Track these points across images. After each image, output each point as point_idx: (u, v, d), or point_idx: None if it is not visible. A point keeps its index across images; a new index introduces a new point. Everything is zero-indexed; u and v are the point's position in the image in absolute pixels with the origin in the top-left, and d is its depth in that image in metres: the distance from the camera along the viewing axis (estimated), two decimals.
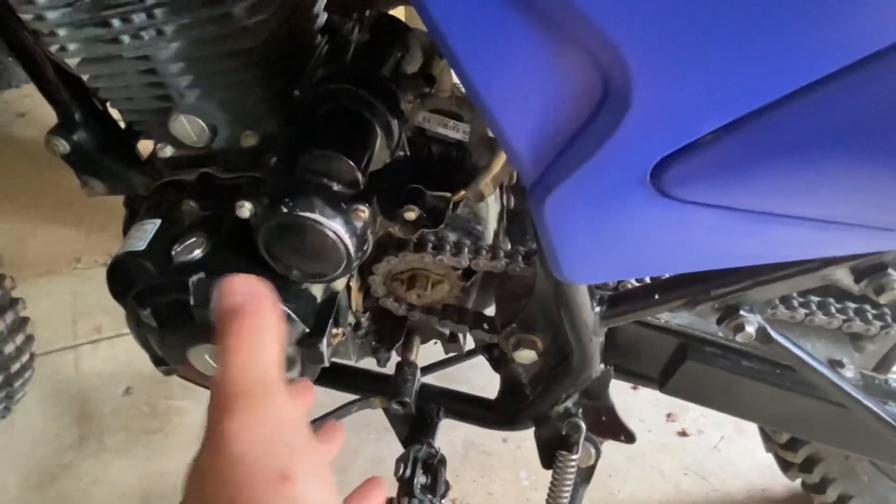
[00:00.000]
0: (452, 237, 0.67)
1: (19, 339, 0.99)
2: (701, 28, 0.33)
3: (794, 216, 0.41)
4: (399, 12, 0.70)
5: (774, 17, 0.32)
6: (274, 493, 0.29)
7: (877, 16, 0.31)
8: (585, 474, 0.71)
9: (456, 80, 0.65)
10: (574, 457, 0.66)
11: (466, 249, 0.65)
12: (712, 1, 0.32)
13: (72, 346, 1.43)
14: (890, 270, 0.49)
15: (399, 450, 0.77)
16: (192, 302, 0.55)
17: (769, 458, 1.04)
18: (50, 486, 1.19)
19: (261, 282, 0.34)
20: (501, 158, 0.65)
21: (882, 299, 0.50)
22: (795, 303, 0.63)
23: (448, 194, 0.61)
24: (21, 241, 1.68)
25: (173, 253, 0.57)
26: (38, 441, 1.25)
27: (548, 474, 0.73)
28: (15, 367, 1.01)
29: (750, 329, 0.54)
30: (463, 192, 0.63)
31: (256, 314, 0.33)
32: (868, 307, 0.65)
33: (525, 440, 1.28)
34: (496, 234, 0.77)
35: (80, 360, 1.41)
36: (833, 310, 0.63)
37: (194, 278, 0.55)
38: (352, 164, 0.53)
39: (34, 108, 2.14)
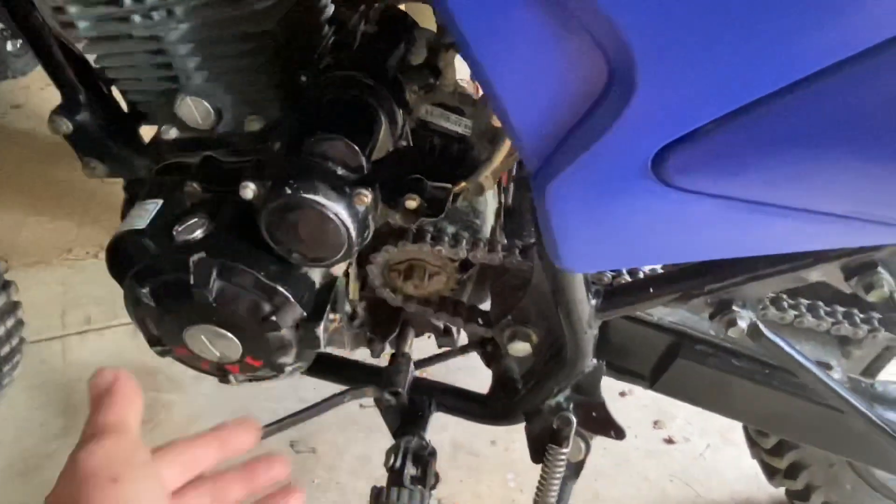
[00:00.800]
0: (451, 229, 0.68)
1: (10, 322, 0.98)
2: (705, 17, 0.34)
3: (794, 207, 0.42)
4: (407, 8, 0.71)
5: (779, 7, 0.33)
6: (103, 491, 0.35)
7: (877, 9, 0.32)
8: (574, 469, 0.71)
9: (459, 75, 0.66)
10: (564, 451, 0.67)
11: (464, 241, 0.66)
12: None
13: (60, 336, 1.42)
14: (879, 269, 0.51)
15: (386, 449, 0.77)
16: (192, 281, 0.56)
17: (754, 468, 1.05)
18: (33, 475, 1.18)
19: (121, 372, 0.41)
20: (501, 153, 0.65)
21: (871, 297, 0.52)
22: (785, 304, 0.64)
23: (449, 185, 0.62)
24: (13, 231, 1.67)
25: (174, 232, 0.57)
26: (23, 430, 1.24)
27: (534, 477, 0.73)
28: (4, 350, 1.01)
29: (742, 324, 0.55)
30: (463, 184, 0.64)
31: (122, 392, 0.40)
32: (856, 311, 0.67)
33: (513, 442, 1.28)
34: (493, 230, 0.77)
35: (68, 350, 1.40)
36: (822, 312, 0.65)
37: (195, 257, 0.56)
38: (356, 148, 0.54)
39: (29, 100, 2.13)
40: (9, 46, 2.00)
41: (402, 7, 0.70)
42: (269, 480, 0.45)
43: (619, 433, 0.70)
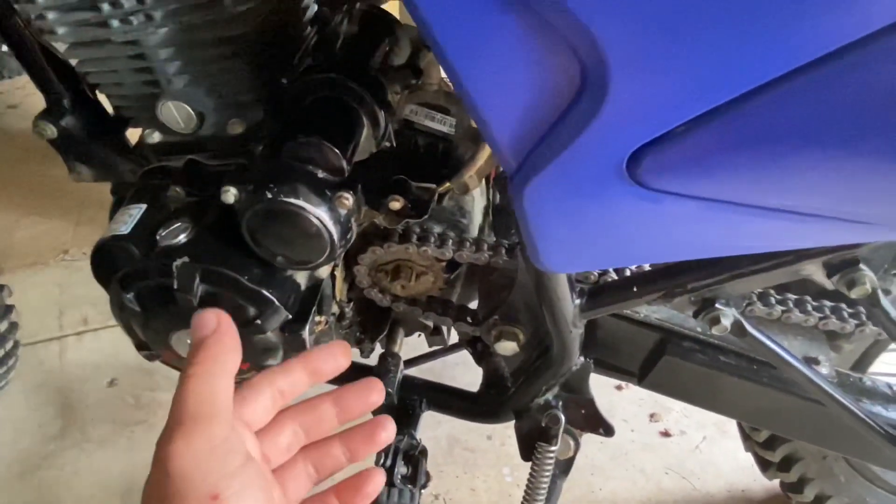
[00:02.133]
0: (437, 229, 0.68)
1: (3, 325, 0.99)
2: (675, 22, 0.34)
3: (767, 207, 0.42)
4: (390, 7, 0.71)
5: (747, 10, 0.33)
6: None
7: (847, 10, 0.32)
8: (564, 466, 0.71)
9: (444, 74, 0.66)
10: (553, 448, 0.67)
11: (450, 241, 0.66)
12: None
13: (57, 336, 1.43)
14: (861, 266, 0.51)
15: None
16: (175, 286, 0.56)
17: (750, 460, 1.05)
18: (31, 476, 1.19)
19: (225, 315, 0.38)
20: (486, 152, 0.65)
21: (853, 294, 0.51)
22: (773, 300, 0.64)
23: (433, 186, 0.62)
24: (8, 231, 1.68)
25: (158, 237, 0.57)
26: (21, 431, 1.25)
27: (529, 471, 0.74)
28: None
29: (726, 322, 0.55)
30: (448, 185, 0.64)
31: (216, 346, 0.37)
32: (844, 306, 0.67)
33: (509, 437, 1.29)
34: (481, 229, 0.77)
35: (66, 351, 1.40)
36: (809, 307, 0.64)
37: (178, 262, 0.56)
38: (336, 151, 0.54)
39: (25, 100, 2.13)
40: (3, 47, 2.00)
41: (385, 6, 0.70)
42: (363, 410, 0.42)
43: (607, 430, 0.70)
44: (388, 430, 0.42)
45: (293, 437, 0.40)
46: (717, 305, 0.55)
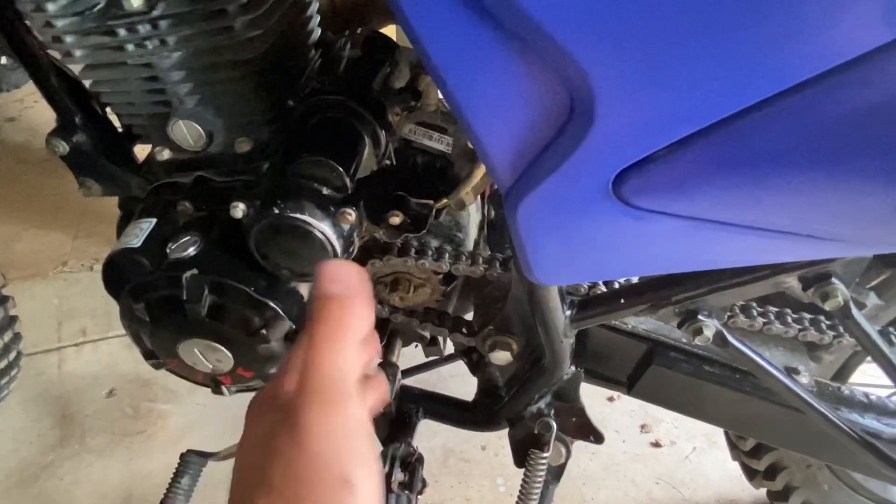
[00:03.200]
0: (434, 243, 0.71)
1: (7, 336, 1.00)
2: (656, 54, 0.37)
3: (745, 225, 0.45)
4: (390, 31, 0.74)
5: (726, 39, 0.36)
6: (335, 496, 0.31)
7: (825, 37, 0.35)
8: (556, 473, 0.74)
9: (441, 95, 0.69)
10: (545, 455, 0.70)
11: (447, 255, 0.69)
12: (667, 30, 0.36)
13: (56, 348, 1.44)
14: (834, 280, 0.54)
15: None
16: (184, 296, 0.58)
17: (738, 470, 1.07)
18: (30, 486, 1.19)
19: (359, 270, 0.35)
20: (481, 169, 0.68)
21: (826, 306, 0.55)
22: (754, 312, 0.67)
23: (431, 202, 0.65)
24: (7, 243, 1.69)
25: (168, 250, 0.60)
26: (20, 441, 1.26)
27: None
28: (2, 363, 1.03)
29: (708, 333, 0.58)
30: (445, 200, 0.67)
31: (353, 308, 0.35)
32: (822, 318, 0.70)
33: (502, 447, 1.31)
34: (477, 242, 0.80)
35: (64, 362, 1.42)
36: (789, 319, 0.68)
37: (188, 274, 0.58)
38: (340, 169, 0.57)
39: (23, 113, 2.15)
40: (3, 60, 2.02)
41: (387, 30, 0.73)
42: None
43: (598, 438, 0.73)
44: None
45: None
46: (699, 317, 0.58)
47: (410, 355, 0.92)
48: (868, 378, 0.86)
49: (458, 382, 1.20)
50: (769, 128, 0.39)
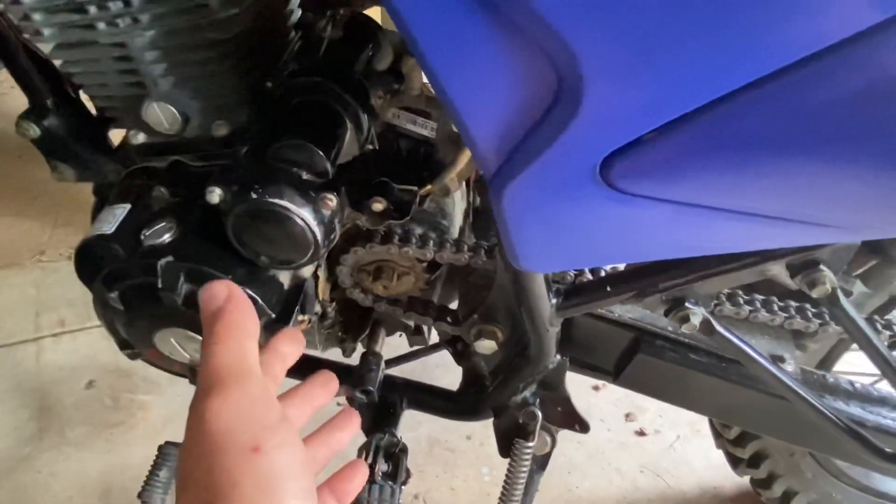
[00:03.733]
0: (418, 230, 0.70)
1: None
2: (646, 33, 0.36)
3: (732, 210, 0.44)
4: (374, 13, 0.73)
5: (713, 22, 0.35)
6: (246, 462, 0.32)
7: (812, 19, 0.34)
8: (541, 462, 0.73)
9: (425, 79, 0.67)
10: (530, 444, 0.69)
11: (431, 242, 0.68)
12: (656, 12, 0.35)
13: (34, 338, 1.42)
14: (821, 267, 0.53)
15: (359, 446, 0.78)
16: (159, 285, 0.56)
17: (722, 458, 1.08)
18: (7, 479, 1.17)
19: (231, 284, 0.40)
20: (466, 155, 0.67)
21: (814, 293, 0.54)
22: (741, 300, 0.66)
23: (415, 188, 0.63)
24: None
25: (142, 237, 0.58)
26: None
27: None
28: None
29: (694, 320, 0.57)
30: (430, 187, 0.66)
31: (235, 313, 0.38)
32: (808, 306, 0.69)
33: (488, 437, 1.30)
34: (462, 230, 0.79)
35: (42, 353, 1.39)
36: (775, 307, 0.67)
37: (163, 261, 0.56)
38: (321, 153, 0.55)
39: (0, 101, 2.10)
40: None
41: (368, 12, 0.71)
42: (347, 440, 0.45)
43: (583, 427, 0.72)
44: (362, 473, 0.45)
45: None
46: (686, 304, 0.57)
47: (396, 345, 0.91)
48: (852, 367, 0.87)
49: (444, 372, 1.20)
50: (757, 111, 0.38)
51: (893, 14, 0.33)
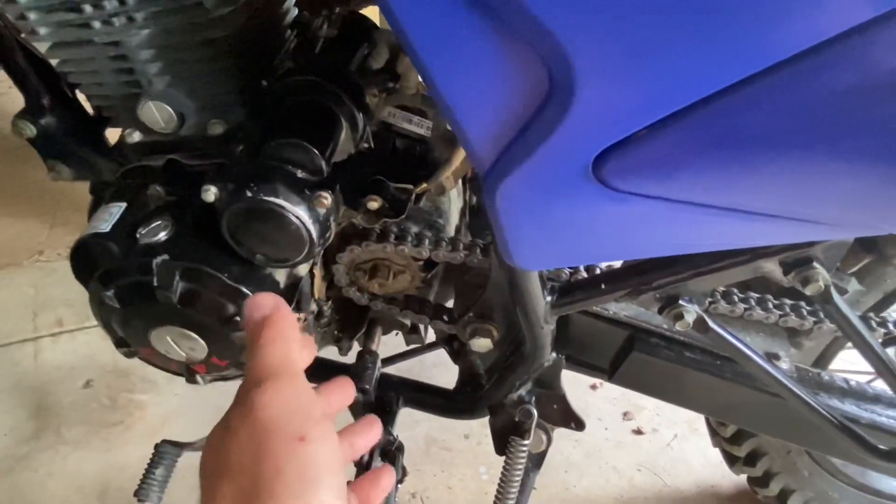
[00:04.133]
0: (414, 229, 0.70)
1: None
2: (637, 30, 0.36)
3: (725, 207, 0.44)
4: (369, 12, 0.73)
5: (704, 19, 0.35)
6: (291, 450, 0.34)
7: (802, 17, 0.34)
8: (536, 460, 0.73)
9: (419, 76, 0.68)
10: (526, 442, 0.69)
11: (427, 240, 0.68)
12: (647, 8, 0.35)
13: (32, 338, 1.42)
14: (815, 264, 0.53)
15: None
16: (155, 283, 0.57)
17: (719, 457, 1.08)
18: (4, 479, 1.17)
19: (277, 297, 0.42)
20: (461, 154, 0.67)
21: (807, 291, 0.54)
22: (735, 297, 0.67)
23: (410, 186, 0.64)
24: None
25: (138, 235, 0.58)
26: None
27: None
28: None
29: (689, 318, 0.57)
30: (425, 185, 0.66)
31: (282, 322, 0.40)
32: (803, 304, 0.70)
33: (486, 436, 1.29)
34: (458, 228, 0.79)
35: (40, 352, 1.39)
36: (770, 305, 0.67)
37: (158, 260, 0.57)
38: (316, 152, 0.55)
39: None
40: None
41: (364, 11, 0.71)
42: (369, 444, 0.46)
43: (578, 424, 0.72)
44: (389, 478, 0.46)
45: None
46: (680, 302, 0.57)
47: (393, 344, 0.91)
48: (849, 365, 0.87)
49: (441, 371, 1.20)
50: (750, 108, 0.39)
51: (884, 11, 0.33)
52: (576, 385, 0.78)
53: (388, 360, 0.89)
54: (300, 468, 0.33)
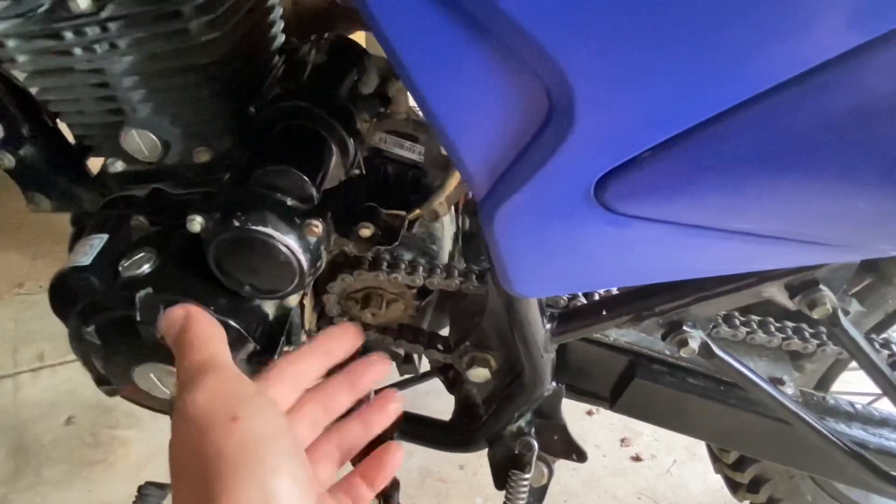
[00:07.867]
0: (407, 256, 0.68)
1: None
2: (638, 54, 0.35)
3: (730, 230, 0.43)
4: (358, 37, 0.72)
5: (706, 41, 0.34)
6: (227, 431, 0.34)
7: (804, 38, 0.33)
8: (538, 494, 0.71)
9: (412, 102, 0.66)
10: (527, 476, 0.67)
11: (421, 268, 0.66)
12: (649, 28, 0.34)
13: (11, 374, 1.38)
14: (821, 286, 0.52)
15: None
16: (138, 318, 0.54)
17: (720, 482, 1.06)
18: None
19: (187, 304, 0.42)
20: (455, 179, 0.66)
21: (815, 314, 0.53)
22: (737, 321, 0.65)
23: (403, 213, 0.62)
24: None
25: (120, 268, 0.56)
26: None
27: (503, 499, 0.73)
28: None
29: (693, 344, 0.56)
30: (418, 211, 0.64)
31: (197, 325, 0.40)
32: (805, 326, 0.68)
33: (481, 466, 1.27)
34: (452, 255, 0.78)
35: (20, 388, 1.35)
36: (773, 328, 0.66)
37: (142, 293, 0.54)
38: (305, 178, 0.53)
39: None
40: None
41: (353, 36, 0.70)
42: (371, 381, 0.45)
43: (580, 456, 0.70)
44: (395, 402, 0.46)
45: (317, 413, 0.42)
46: (684, 328, 0.56)
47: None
48: (846, 387, 0.86)
49: (434, 399, 1.17)
50: (753, 129, 0.38)
51: (881, 33, 0.32)
52: (572, 411, 0.76)
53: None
54: (239, 445, 0.34)
